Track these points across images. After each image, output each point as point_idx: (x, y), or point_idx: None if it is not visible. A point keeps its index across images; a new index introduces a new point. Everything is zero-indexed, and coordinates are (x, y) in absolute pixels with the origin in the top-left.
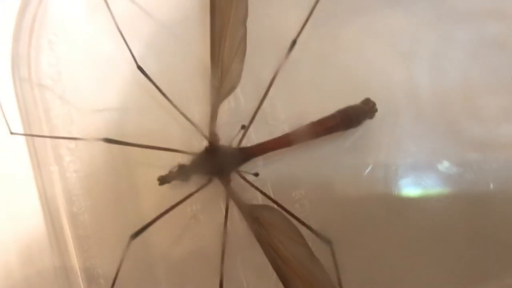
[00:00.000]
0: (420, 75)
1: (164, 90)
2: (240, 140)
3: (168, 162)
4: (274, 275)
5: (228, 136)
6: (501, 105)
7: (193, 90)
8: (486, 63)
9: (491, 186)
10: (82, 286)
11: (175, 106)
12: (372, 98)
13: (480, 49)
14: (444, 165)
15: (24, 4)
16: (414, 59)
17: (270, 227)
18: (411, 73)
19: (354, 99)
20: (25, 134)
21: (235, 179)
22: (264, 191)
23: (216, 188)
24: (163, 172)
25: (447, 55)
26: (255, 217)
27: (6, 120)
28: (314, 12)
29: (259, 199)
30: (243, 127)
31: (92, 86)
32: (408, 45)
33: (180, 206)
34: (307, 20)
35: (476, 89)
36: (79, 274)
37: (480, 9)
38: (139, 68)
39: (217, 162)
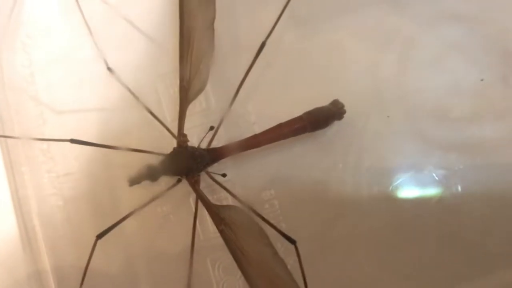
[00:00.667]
0: (390, 77)
1: (136, 91)
2: (210, 141)
3: (142, 162)
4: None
5: (200, 137)
6: (471, 108)
7: (165, 91)
8: (456, 66)
9: (459, 188)
10: (53, 286)
11: (145, 107)
12: (343, 100)
13: (450, 52)
14: (414, 166)
15: None
16: (385, 61)
17: (236, 227)
18: (381, 75)
19: (324, 101)
20: None
21: (205, 179)
22: (233, 191)
23: (186, 188)
24: (133, 172)
25: (417, 57)
26: (222, 218)
27: None
28: (290, 12)
29: (229, 199)
30: (211, 128)
31: (65, 87)
32: (379, 47)
33: (152, 207)
34: (276, 22)
35: (446, 92)
36: (50, 274)
37: (449, 13)
38: (109, 69)
39: (185, 162)
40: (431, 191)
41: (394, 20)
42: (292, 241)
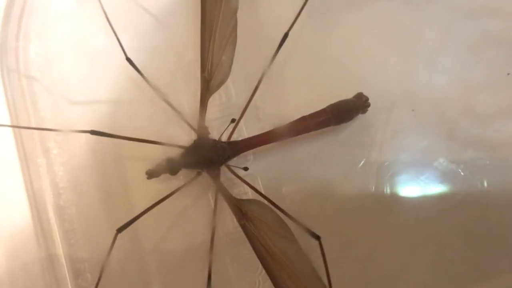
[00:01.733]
0: (416, 71)
1: (154, 83)
2: (230, 134)
3: (159, 155)
4: (262, 271)
5: (219, 130)
6: (497, 103)
7: (183, 83)
8: (482, 60)
9: (485, 184)
10: (68, 280)
11: (164, 99)
12: (366, 93)
13: (476, 46)
14: (438, 162)
15: None
16: (411, 55)
17: (259, 222)
18: (407, 68)
19: (347, 94)
20: (12, 126)
21: (225, 173)
22: (254, 185)
23: (206, 182)
24: (152, 165)
25: (444, 52)
26: (243, 212)
27: None
28: (309, 4)
29: (249, 194)
30: (233, 121)
31: (80, 78)
32: (405, 40)
33: (170, 201)
34: (299, 12)
35: (472, 86)
36: (65, 268)
37: (477, 6)
38: (128, 60)
39: (206, 155)
40: (456, 187)
41: (427, 12)
42: (316, 237)
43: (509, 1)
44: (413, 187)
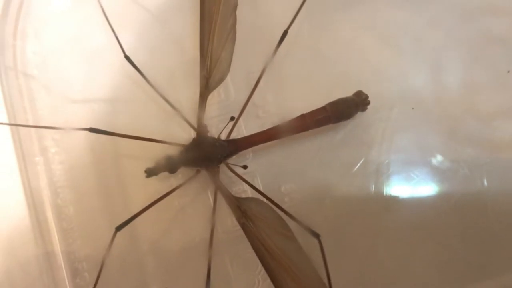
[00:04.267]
0: (417, 70)
1: (153, 81)
2: (229, 132)
3: (157, 153)
4: (262, 270)
5: (218, 128)
6: (497, 102)
7: (182, 81)
8: (483, 59)
9: (485, 182)
10: (66, 280)
11: (163, 97)
12: (366, 91)
13: (476, 45)
14: (438, 160)
15: None
16: (411, 53)
17: (258, 220)
18: (407, 67)
19: (347, 92)
20: (9, 124)
21: (224, 171)
22: (253, 184)
23: (204, 181)
24: (151, 163)
25: (445, 51)
26: (243, 210)
27: None
28: (308, 2)
29: (248, 192)
30: (232, 119)
31: (78, 76)
32: (405, 39)
33: (168, 199)
34: (299, 10)
35: (473, 85)
36: (63, 267)
37: (477, 6)
38: (127, 57)
39: (205, 153)
40: (455, 186)
41: (415, 12)
42: (316, 235)
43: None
44: (412, 185)
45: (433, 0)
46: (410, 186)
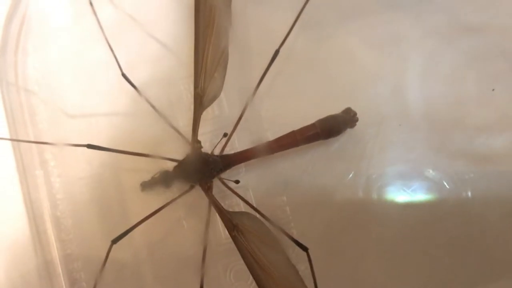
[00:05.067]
0: (406, 85)
1: (150, 97)
2: (223, 148)
3: (154, 167)
4: (253, 281)
5: (212, 143)
6: (480, 117)
7: (178, 98)
8: (470, 75)
9: (470, 195)
10: None
11: (159, 113)
12: (356, 107)
13: (465, 62)
14: (425, 174)
15: (12, 10)
16: (401, 69)
17: (249, 233)
18: (397, 82)
19: (338, 108)
20: (10, 139)
21: (218, 185)
22: (246, 197)
23: (199, 194)
24: (149, 177)
25: (428, 66)
26: (234, 224)
27: None
28: (301, 19)
29: (241, 205)
30: (225, 135)
31: (78, 91)
32: (395, 54)
33: (164, 212)
34: (289, 31)
35: (456, 100)
36: (62, 277)
37: (465, 25)
38: (124, 75)
39: (198, 169)
40: (442, 199)
41: (403, 28)
42: (304, 248)
43: (498, 17)
44: (400, 198)
45: (422, 18)
46: (399, 198)
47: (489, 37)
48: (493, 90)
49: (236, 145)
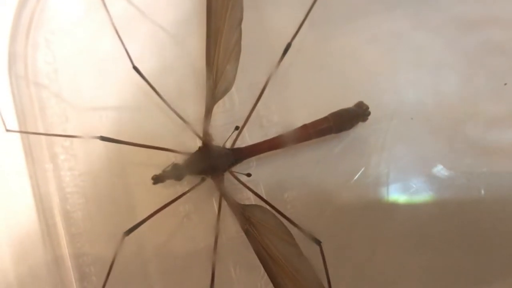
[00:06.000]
0: (417, 80)
1: (160, 90)
2: (234, 141)
3: (163, 161)
4: (264, 275)
5: (223, 137)
6: (494, 112)
7: (189, 90)
8: (482, 70)
9: (482, 192)
10: (74, 283)
11: (170, 106)
12: (367, 102)
13: (476, 56)
14: (436, 170)
15: (21, 3)
16: (412, 64)
17: (261, 227)
18: (408, 78)
19: (348, 102)
20: (20, 131)
21: (229, 179)
22: (256, 191)
23: (209, 188)
24: (158, 171)
25: (444, 62)
26: (246, 217)
27: (1, 117)
28: (311, 15)
29: (252, 199)
30: (236, 128)
31: (88, 84)
32: (406, 50)
33: (174, 206)
34: (302, 23)
35: (468, 95)
36: (71, 271)
37: (477, 17)
38: (135, 68)
39: (210, 162)
40: (453, 195)
41: (414, 25)
42: (317, 242)
43: (507, 11)
44: (411, 194)
45: (433, 12)
46: (409, 194)
47: (500, 31)
48: (505, 84)
49: (247, 139)
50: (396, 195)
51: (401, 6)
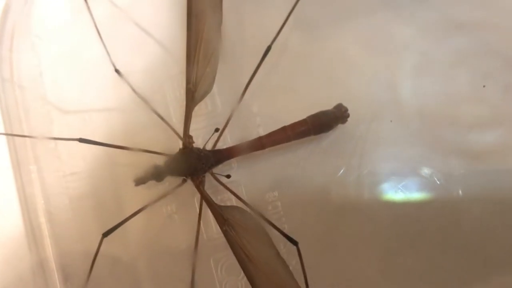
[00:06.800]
0: (399, 83)
1: (143, 93)
2: (215, 143)
3: (147, 162)
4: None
5: (204, 138)
6: (471, 113)
7: (172, 93)
8: (459, 72)
9: (460, 192)
10: (58, 284)
11: (152, 108)
12: (348, 104)
13: (457, 59)
14: (416, 170)
15: (7, 6)
16: (388, 67)
17: (239, 228)
18: (390, 80)
19: (328, 105)
20: (5, 134)
21: (210, 180)
22: (238, 193)
23: (191, 189)
24: (140, 172)
25: (419, 63)
26: (225, 218)
27: None
28: (295, 17)
29: (233, 200)
30: (216, 130)
31: (73, 87)
32: (382, 53)
33: (156, 206)
34: (282, 26)
35: (447, 97)
36: (55, 272)
37: (453, 19)
38: (117, 71)
39: (190, 163)
40: (432, 196)
41: (396, 27)
42: (294, 243)
43: (490, 15)
44: (391, 195)
45: (414, 15)
46: (390, 195)
47: (480, 34)
48: (484, 86)
49: (229, 141)
50: (377, 196)
51: (383, 8)
